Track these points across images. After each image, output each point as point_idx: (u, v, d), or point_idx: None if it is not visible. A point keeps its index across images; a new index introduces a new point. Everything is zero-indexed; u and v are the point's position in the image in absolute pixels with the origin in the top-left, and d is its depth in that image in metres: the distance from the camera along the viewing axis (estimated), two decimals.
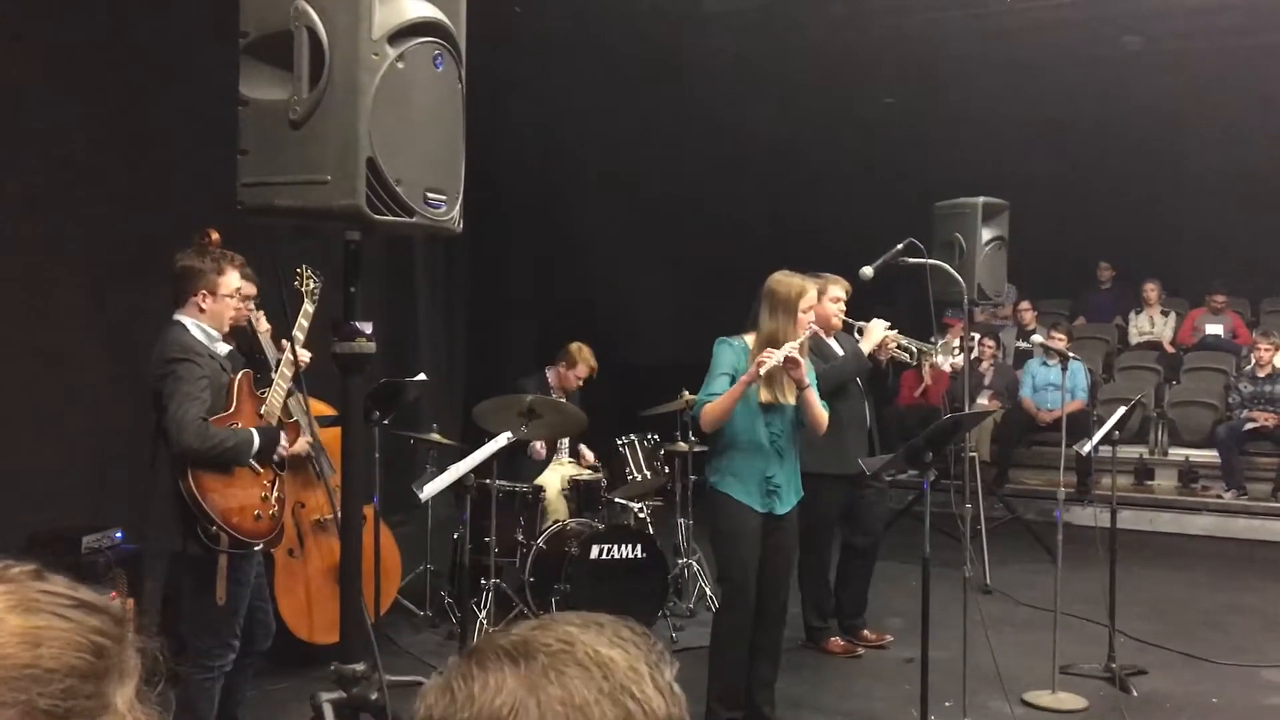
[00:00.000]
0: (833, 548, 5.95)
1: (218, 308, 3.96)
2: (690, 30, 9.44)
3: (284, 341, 4.10)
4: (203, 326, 3.94)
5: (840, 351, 5.63)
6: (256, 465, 3.95)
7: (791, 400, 4.50)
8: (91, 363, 6.05)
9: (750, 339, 4.52)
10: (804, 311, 4.46)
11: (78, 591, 0.95)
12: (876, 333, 5.54)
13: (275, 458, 4.05)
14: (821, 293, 5.61)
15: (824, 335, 5.66)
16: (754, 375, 4.31)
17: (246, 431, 3.87)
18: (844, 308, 5.65)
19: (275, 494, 4.02)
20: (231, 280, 3.97)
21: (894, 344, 5.64)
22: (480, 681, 0.93)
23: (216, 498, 3.79)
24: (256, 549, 3.98)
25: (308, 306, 4.28)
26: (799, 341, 4.37)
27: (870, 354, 5.56)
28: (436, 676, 0.97)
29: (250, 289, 4.33)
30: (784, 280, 4.52)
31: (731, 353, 4.52)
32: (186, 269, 3.94)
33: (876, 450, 5.62)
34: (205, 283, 3.92)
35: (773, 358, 4.25)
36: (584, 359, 6.66)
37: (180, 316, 3.93)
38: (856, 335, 5.61)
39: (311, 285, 4.32)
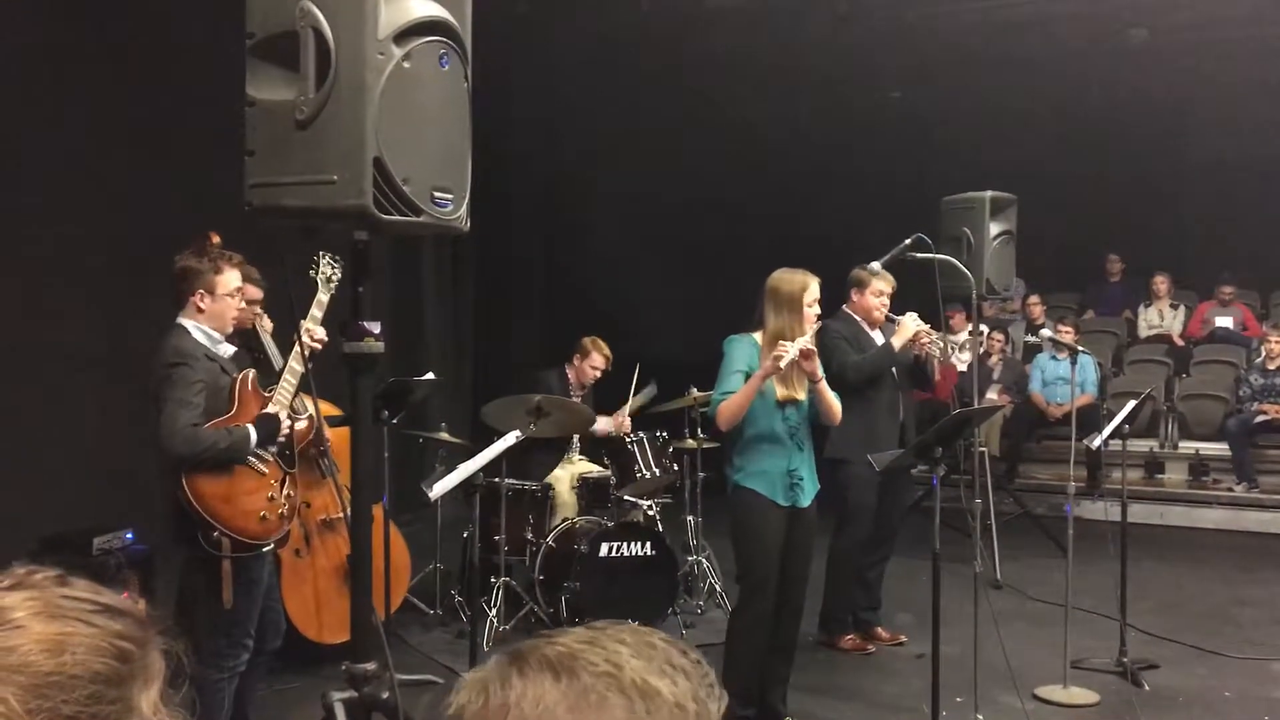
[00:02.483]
0: (863, 538, 5.88)
1: (218, 307, 3.91)
2: (694, 26, 9.44)
3: (293, 337, 4.06)
4: (204, 328, 3.89)
5: (881, 343, 5.71)
6: (259, 465, 3.89)
7: (803, 395, 4.53)
8: (97, 363, 6.06)
9: (758, 337, 4.54)
10: (808, 306, 4.50)
11: (101, 596, 0.95)
12: (908, 328, 5.59)
13: (280, 446, 3.97)
14: (866, 286, 5.72)
15: (866, 328, 5.74)
16: (771, 369, 4.34)
17: (242, 428, 3.81)
18: (886, 302, 5.74)
19: (285, 492, 3.97)
20: (230, 279, 3.92)
21: (926, 339, 5.65)
22: (518, 690, 0.90)
23: (217, 503, 3.74)
24: (265, 550, 3.95)
25: (321, 296, 4.10)
26: (810, 335, 4.41)
27: (905, 348, 5.59)
28: (478, 670, 0.95)
29: (256, 293, 4.31)
30: (786, 277, 4.55)
31: (743, 349, 4.54)
32: (184, 269, 3.90)
33: (906, 444, 5.63)
34: (203, 282, 3.88)
35: (789, 351, 4.27)
36: (598, 349, 6.69)
37: (182, 319, 3.89)
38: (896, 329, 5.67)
39: (330, 273, 4.11)
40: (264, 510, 3.87)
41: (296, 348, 3.97)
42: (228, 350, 3.99)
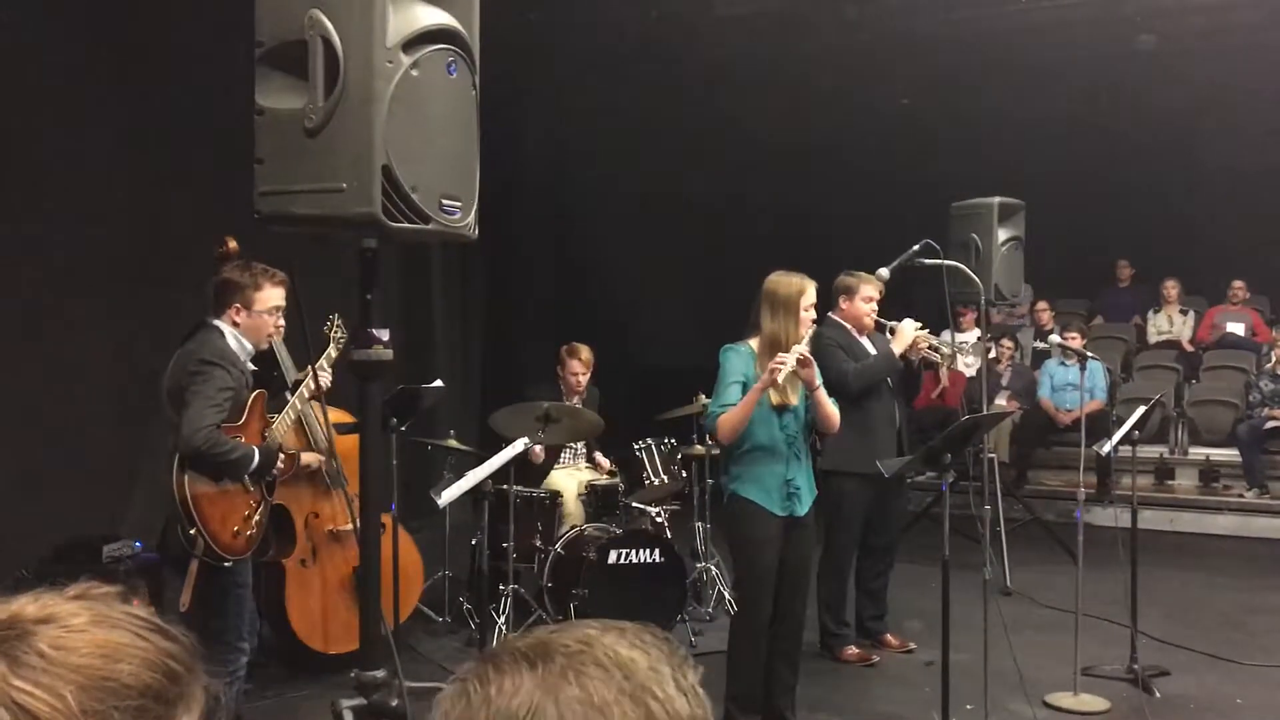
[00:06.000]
0: (853, 550, 5.91)
1: (253, 323, 3.98)
2: (702, 34, 9.45)
3: (309, 366, 4.15)
4: (239, 338, 3.97)
5: (872, 351, 5.63)
6: (248, 483, 3.99)
7: (796, 400, 4.48)
8: (107, 372, 6.08)
9: (754, 343, 4.51)
10: (805, 310, 4.44)
11: (156, 619, 0.97)
12: (907, 334, 5.53)
13: (267, 478, 4.09)
14: (855, 292, 5.64)
15: (857, 335, 5.68)
16: (769, 382, 4.26)
17: (250, 448, 3.92)
18: (876, 308, 5.66)
19: (258, 516, 4.05)
20: (270, 297, 3.99)
21: (925, 345, 5.62)
22: (496, 684, 0.91)
23: (203, 503, 3.83)
24: (226, 564, 3.94)
25: (331, 351, 4.36)
26: (806, 340, 4.36)
27: (901, 355, 5.55)
28: (452, 682, 0.96)
29: None
30: (782, 280, 4.48)
31: (739, 359, 4.50)
32: (225, 282, 3.98)
33: (904, 451, 5.60)
34: (241, 297, 3.95)
35: (787, 364, 4.22)
36: (573, 354, 6.64)
37: (218, 322, 3.96)
38: (888, 335, 5.60)
39: (339, 334, 4.36)
40: (238, 527, 3.95)
41: (302, 389, 4.17)
42: (251, 367, 4.07)
